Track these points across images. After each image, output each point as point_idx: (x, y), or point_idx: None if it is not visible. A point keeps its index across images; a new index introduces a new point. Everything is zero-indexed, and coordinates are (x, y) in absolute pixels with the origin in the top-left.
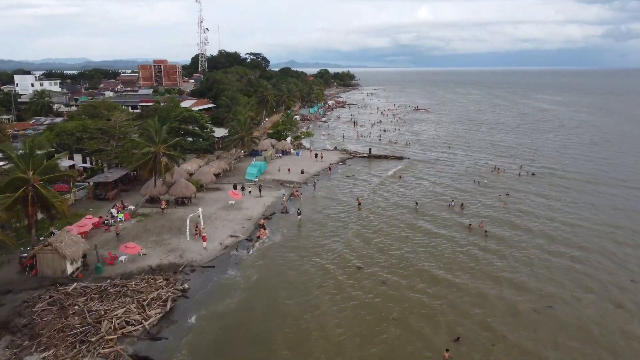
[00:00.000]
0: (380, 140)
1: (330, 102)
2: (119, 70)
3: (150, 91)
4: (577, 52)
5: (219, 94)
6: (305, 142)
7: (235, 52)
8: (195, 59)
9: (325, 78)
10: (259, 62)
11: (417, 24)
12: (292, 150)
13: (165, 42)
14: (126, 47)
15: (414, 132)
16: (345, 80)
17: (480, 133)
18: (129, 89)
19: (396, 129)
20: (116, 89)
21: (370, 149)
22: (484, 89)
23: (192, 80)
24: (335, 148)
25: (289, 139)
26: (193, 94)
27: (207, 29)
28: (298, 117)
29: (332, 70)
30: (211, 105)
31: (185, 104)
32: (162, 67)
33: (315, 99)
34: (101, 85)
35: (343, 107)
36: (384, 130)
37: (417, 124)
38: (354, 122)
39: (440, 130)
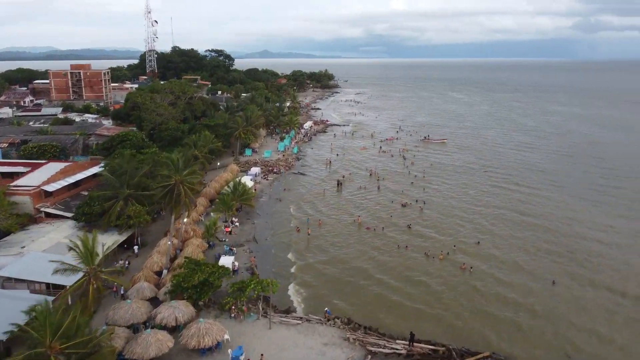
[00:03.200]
0: (401, 247)
1: (307, 126)
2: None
3: (59, 110)
4: (548, 43)
5: (115, 146)
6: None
7: (192, 49)
8: (143, 58)
9: (299, 81)
10: (220, 61)
11: (391, 13)
12: (225, 336)
13: (138, 31)
14: (96, 35)
15: (456, 216)
16: (323, 81)
17: (573, 221)
18: (42, 101)
19: (418, 202)
20: (23, 102)
21: (411, 338)
22: (482, 94)
23: (135, 86)
24: (325, 320)
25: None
26: (117, 115)
27: (155, 21)
28: (258, 173)
29: (306, 61)
30: (101, 167)
31: (47, 169)
32: (82, 74)
33: (287, 125)
34: (2, 98)
35: (324, 131)
36: (403, 205)
37: (444, 181)
38: (339, 183)
39: (494, 204)
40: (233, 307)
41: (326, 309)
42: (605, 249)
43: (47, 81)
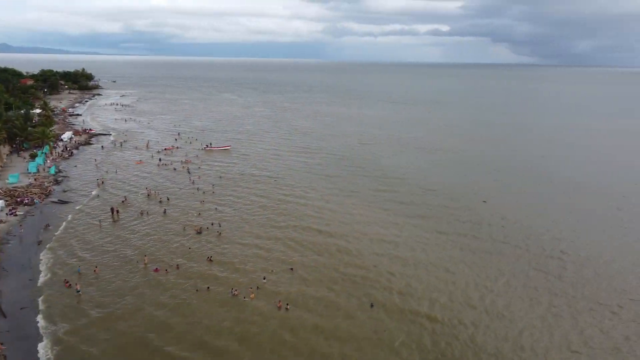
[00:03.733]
0: (201, 290)
1: (65, 137)
2: None
3: None
4: (304, 45)
5: None
6: None
7: None
8: None
9: (51, 82)
10: None
11: (152, 9)
12: None
13: None
14: None
15: (257, 241)
16: (81, 82)
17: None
18: None
19: (214, 225)
20: None
21: None
22: (254, 94)
23: None
24: None
25: None
26: None
27: None
28: (1, 207)
29: (58, 57)
30: None
31: None
32: None
33: (40, 139)
34: None
35: (89, 142)
36: (198, 232)
37: (236, 196)
38: (114, 210)
39: (290, 222)
40: None
41: None
42: (400, 267)
43: None
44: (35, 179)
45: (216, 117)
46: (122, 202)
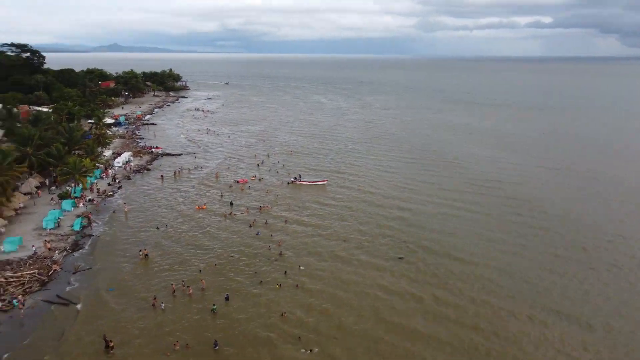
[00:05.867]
0: None
1: (120, 162)
2: None
3: None
4: (394, 40)
5: None
6: None
7: None
8: None
9: (132, 84)
10: (19, 60)
11: (245, 8)
12: None
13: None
14: None
15: None
16: (167, 83)
17: None
18: None
19: None
20: None
21: None
22: (347, 97)
23: None
24: None
25: None
26: None
27: None
28: None
29: (159, 56)
30: None
31: None
32: None
33: (70, 174)
34: None
35: (148, 168)
36: None
37: (346, 283)
38: (108, 343)
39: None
40: None
41: None
42: None
43: None
44: (45, 244)
45: (305, 128)
46: (153, 305)
